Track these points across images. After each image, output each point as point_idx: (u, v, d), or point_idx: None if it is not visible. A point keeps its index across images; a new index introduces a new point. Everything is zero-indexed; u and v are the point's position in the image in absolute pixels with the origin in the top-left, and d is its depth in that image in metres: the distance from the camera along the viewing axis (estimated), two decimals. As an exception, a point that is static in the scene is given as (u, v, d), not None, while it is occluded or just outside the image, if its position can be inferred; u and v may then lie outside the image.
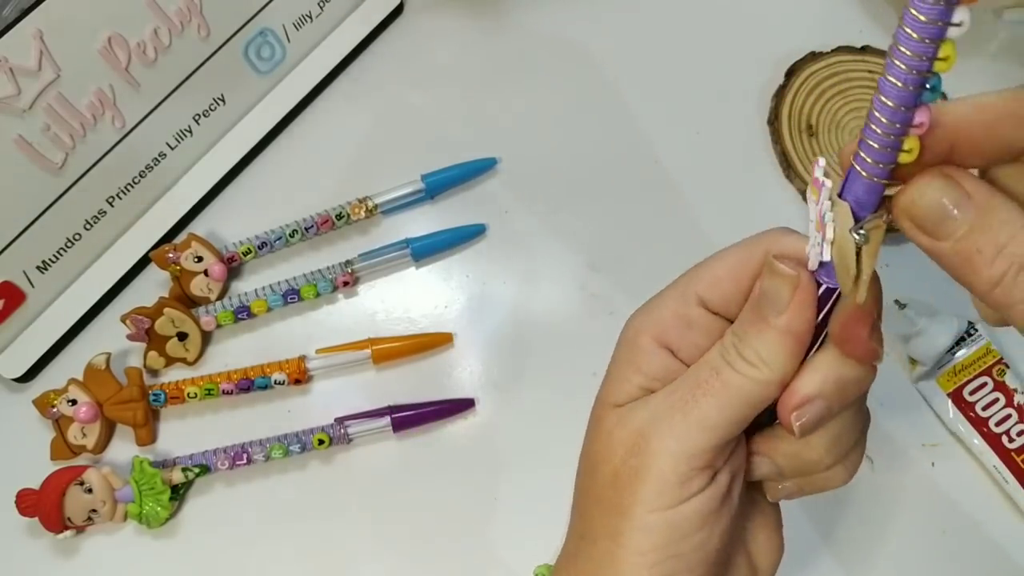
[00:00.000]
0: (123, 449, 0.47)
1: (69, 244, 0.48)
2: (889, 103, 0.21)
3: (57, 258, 0.47)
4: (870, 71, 0.54)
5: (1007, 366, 0.47)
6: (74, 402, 0.45)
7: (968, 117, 0.22)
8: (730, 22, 0.58)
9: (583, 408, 0.47)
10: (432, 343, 0.49)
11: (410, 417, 0.47)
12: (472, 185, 0.53)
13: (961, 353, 0.47)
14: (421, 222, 0.52)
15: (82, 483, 0.44)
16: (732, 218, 0.52)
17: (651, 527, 0.25)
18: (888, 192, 0.23)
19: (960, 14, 0.20)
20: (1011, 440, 0.46)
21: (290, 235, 0.50)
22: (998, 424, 0.46)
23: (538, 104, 0.55)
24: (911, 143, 0.22)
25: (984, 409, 0.46)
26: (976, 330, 0.47)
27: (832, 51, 0.55)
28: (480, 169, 0.53)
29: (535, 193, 0.53)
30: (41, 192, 0.45)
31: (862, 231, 0.23)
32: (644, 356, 0.27)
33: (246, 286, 0.51)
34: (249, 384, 0.47)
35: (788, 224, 0.49)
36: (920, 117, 0.21)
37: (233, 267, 0.50)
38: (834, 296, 0.25)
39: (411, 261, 0.51)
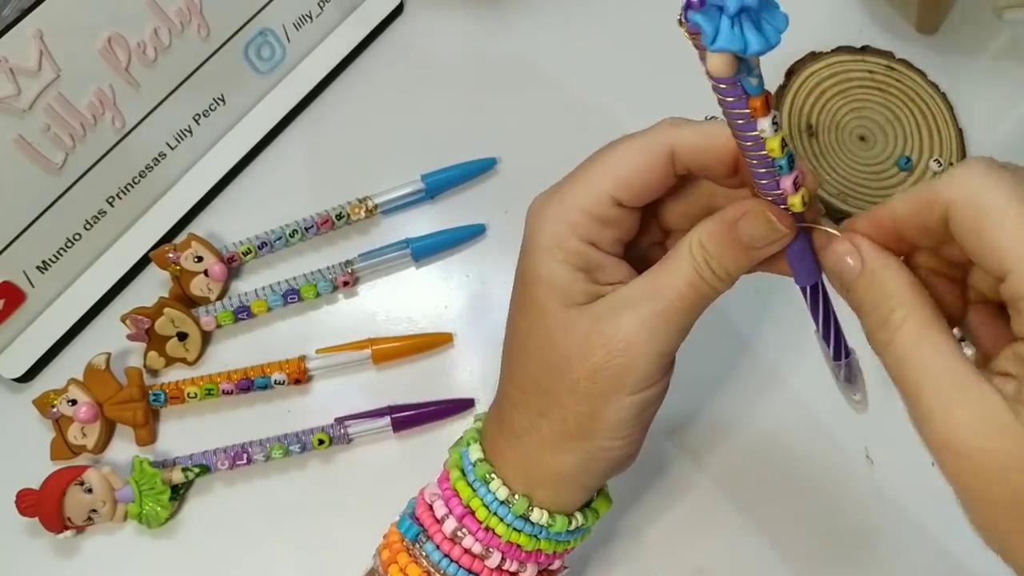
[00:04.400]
0: (123, 449, 0.47)
1: (69, 244, 0.48)
2: (761, 180, 0.28)
3: (57, 258, 0.47)
4: (870, 71, 0.54)
5: (1007, 366, 0.47)
6: (74, 402, 0.45)
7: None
8: (730, 22, 0.58)
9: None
10: (432, 343, 0.49)
11: (410, 417, 0.47)
12: (472, 185, 0.53)
13: (961, 353, 0.47)
14: (421, 222, 0.52)
15: (82, 483, 0.44)
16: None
17: (631, 404, 0.31)
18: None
19: (761, 124, 0.26)
20: (1011, 440, 0.46)
21: (290, 235, 0.50)
22: (998, 424, 0.46)
23: (538, 104, 0.55)
24: (791, 201, 0.29)
25: (984, 409, 0.46)
26: (976, 330, 0.47)
27: (832, 51, 0.55)
28: (480, 169, 0.53)
29: (535, 193, 0.53)
30: (41, 192, 0.45)
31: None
32: (581, 257, 0.31)
33: (246, 286, 0.51)
34: (249, 384, 0.47)
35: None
36: (784, 185, 0.28)
37: (233, 267, 0.50)
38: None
39: (411, 261, 0.51)
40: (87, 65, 0.44)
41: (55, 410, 0.45)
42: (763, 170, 0.28)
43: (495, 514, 0.33)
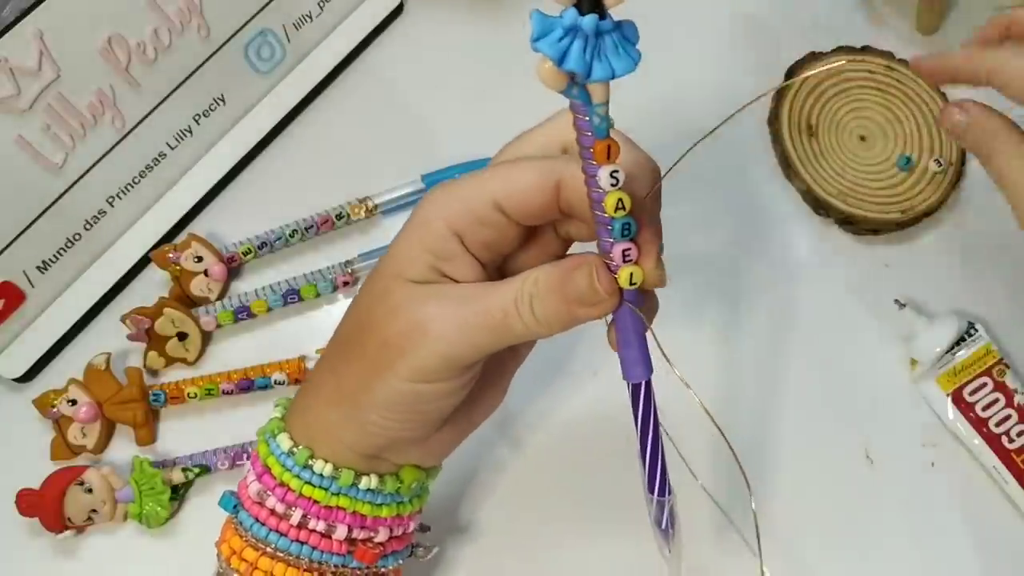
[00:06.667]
0: (123, 449, 0.47)
1: (69, 244, 0.48)
2: (600, 236, 0.27)
3: (57, 258, 0.48)
4: (870, 71, 0.54)
5: (1007, 367, 0.47)
6: (74, 402, 0.45)
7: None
8: (730, 22, 0.58)
9: (583, 406, 0.48)
10: (432, 343, 0.49)
11: (410, 417, 0.47)
12: (472, 185, 0.53)
13: (961, 353, 0.47)
14: (421, 222, 0.52)
15: (82, 483, 0.44)
16: (732, 218, 0.52)
17: (399, 391, 0.30)
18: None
19: (600, 172, 0.25)
20: (1011, 440, 0.46)
21: (290, 235, 0.51)
22: (998, 424, 0.46)
23: (538, 104, 0.55)
24: (619, 273, 0.28)
25: (984, 409, 0.46)
26: (976, 330, 0.47)
27: (832, 51, 0.55)
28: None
29: (535, 193, 0.53)
30: (41, 192, 0.45)
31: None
32: (437, 240, 0.30)
33: (246, 286, 0.51)
34: (249, 384, 0.47)
35: (786, 225, 0.48)
36: (613, 251, 0.27)
37: (233, 267, 0.50)
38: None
39: (411, 261, 0.51)
40: (87, 65, 0.44)
41: (55, 410, 0.45)
42: (602, 224, 0.26)
43: (284, 467, 0.33)
